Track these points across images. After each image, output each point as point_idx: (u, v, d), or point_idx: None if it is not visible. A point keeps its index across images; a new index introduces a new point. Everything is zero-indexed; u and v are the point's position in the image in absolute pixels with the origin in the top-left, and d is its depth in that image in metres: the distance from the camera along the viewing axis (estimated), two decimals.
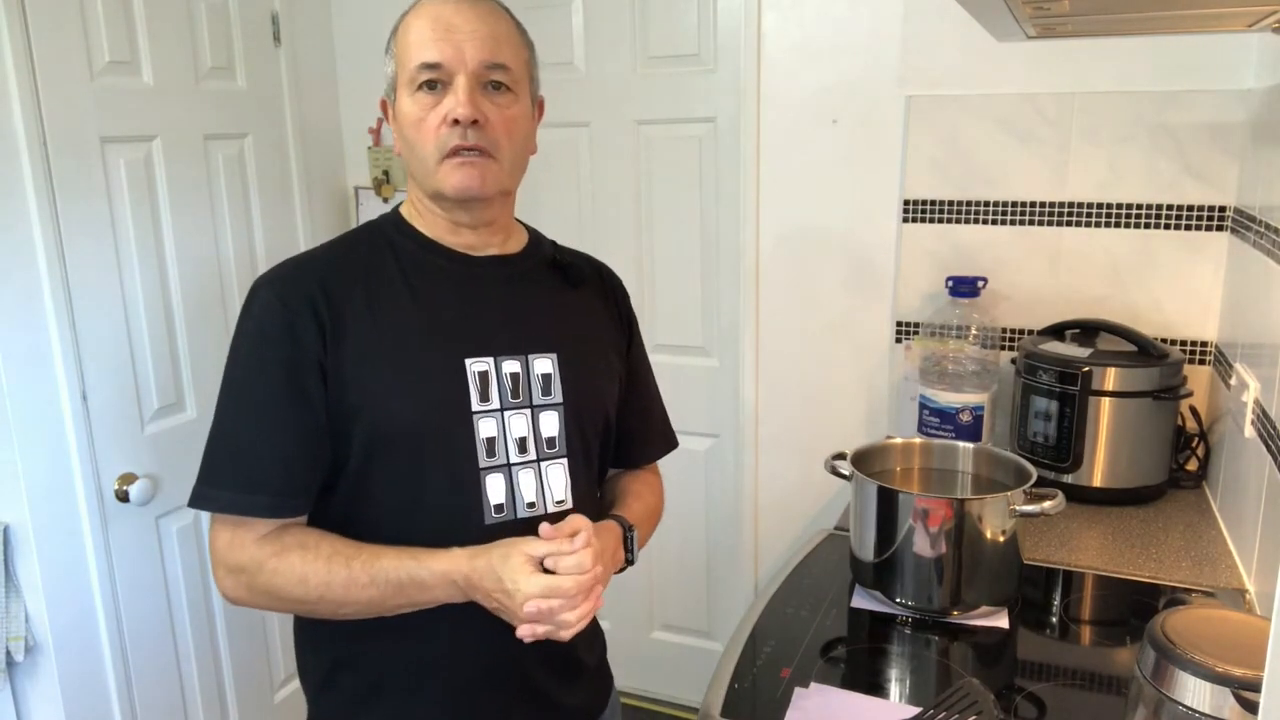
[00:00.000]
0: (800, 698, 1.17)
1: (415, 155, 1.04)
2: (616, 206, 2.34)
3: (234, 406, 1.02)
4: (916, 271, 2.03)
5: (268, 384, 1.00)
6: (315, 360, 1.00)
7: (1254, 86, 1.72)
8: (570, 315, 1.16)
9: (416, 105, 1.02)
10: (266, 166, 2.21)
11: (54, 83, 1.70)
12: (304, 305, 1.00)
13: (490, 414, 1.05)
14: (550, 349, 1.10)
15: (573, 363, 1.11)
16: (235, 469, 1.00)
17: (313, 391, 1.00)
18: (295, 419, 1.00)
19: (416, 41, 1.01)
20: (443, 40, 1.00)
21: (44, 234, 1.69)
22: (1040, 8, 1.05)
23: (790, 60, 2.06)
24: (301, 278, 1.03)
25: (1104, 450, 1.71)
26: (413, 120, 1.02)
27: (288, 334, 0.99)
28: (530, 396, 1.08)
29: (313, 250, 1.10)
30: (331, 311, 1.01)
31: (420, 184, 1.06)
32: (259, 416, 1.00)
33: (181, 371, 2.01)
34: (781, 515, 2.30)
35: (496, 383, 1.06)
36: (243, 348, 1.02)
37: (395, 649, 1.06)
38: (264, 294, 1.02)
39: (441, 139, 1.01)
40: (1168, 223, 1.84)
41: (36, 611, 1.74)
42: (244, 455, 1.00)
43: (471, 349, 1.05)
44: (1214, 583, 1.45)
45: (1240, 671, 0.85)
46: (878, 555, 1.38)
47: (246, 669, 2.22)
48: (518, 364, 1.07)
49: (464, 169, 1.02)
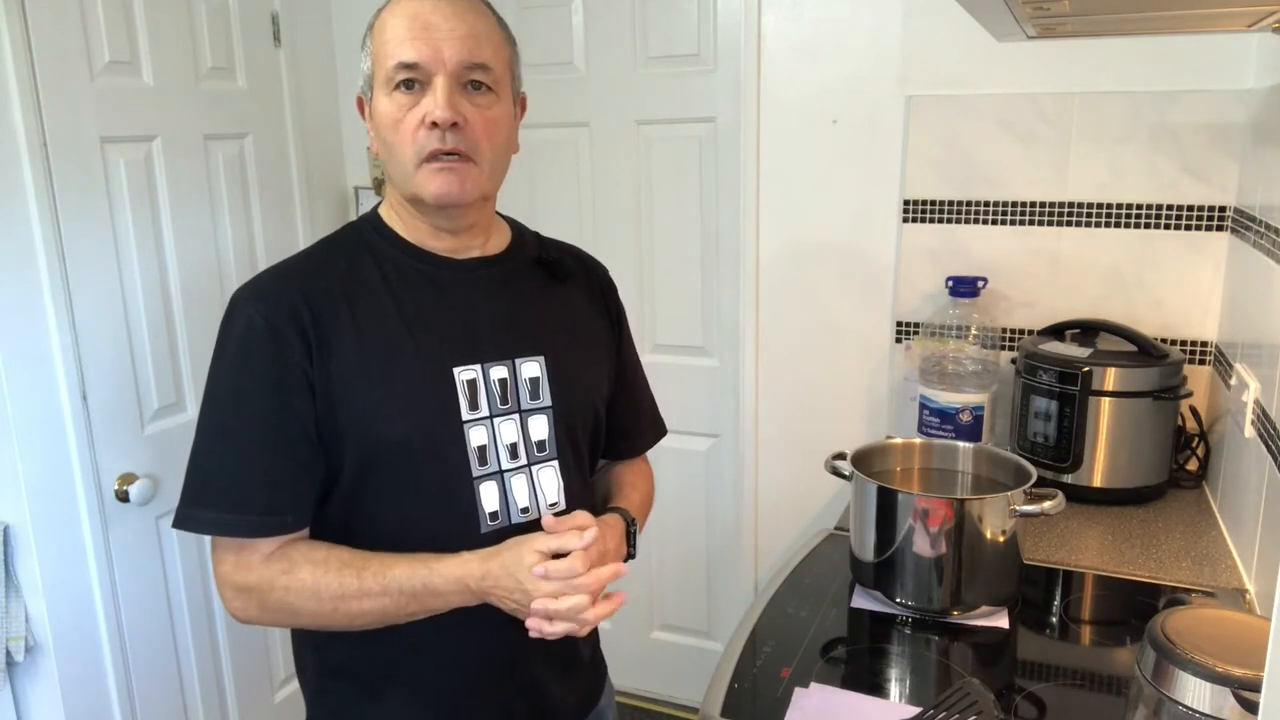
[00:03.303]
0: (800, 698, 1.17)
1: (393, 157, 1.01)
2: (616, 206, 2.34)
3: (217, 425, 0.99)
4: (916, 271, 2.03)
5: (252, 401, 0.98)
6: (302, 375, 0.97)
7: (1254, 86, 1.72)
8: (557, 313, 1.14)
9: (393, 105, 0.99)
10: (266, 166, 2.21)
11: (54, 83, 1.70)
12: (288, 320, 0.97)
13: (480, 422, 1.04)
14: (538, 351, 1.09)
15: (561, 364, 1.10)
16: (221, 489, 0.98)
17: (300, 407, 0.98)
18: (282, 436, 0.98)
19: (394, 39, 0.98)
20: (420, 39, 0.97)
21: (44, 234, 1.69)
22: (1040, 8, 1.05)
23: (790, 60, 2.06)
24: (283, 290, 1.00)
25: (1104, 450, 1.71)
26: (389, 121, 0.99)
27: (271, 350, 0.97)
28: (519, 401, 1.07)
29: (291, 259, 1.06)
30: (316, 326, 0.98)
31: (398, 187, 1.03)
32: (244, 435, 0.98)
33: (181, 371, 2.01)
34: (781, 515, 2.30)
35: (485, 390, 1.04)
36: (225, 365, 1.00)
37: (393, 646, 1.05)
38: (246, 309, 0.99)
39: (419, 142, 0.98)
40: (1168, 223, 1.84)
41: (36, 611, 1.74)
42: (228, 474, 0.98)
43: (459, 357, 1.03)
44: (1214, 583, 1.45)
45: (1240, 671, 0.85)
46: (878, 555, 1.38)
47: (246, 669, 2.22)
48: (505, 369, 1.06)
49: (443, 174, 0.99)
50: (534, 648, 1.05)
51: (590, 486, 1.20)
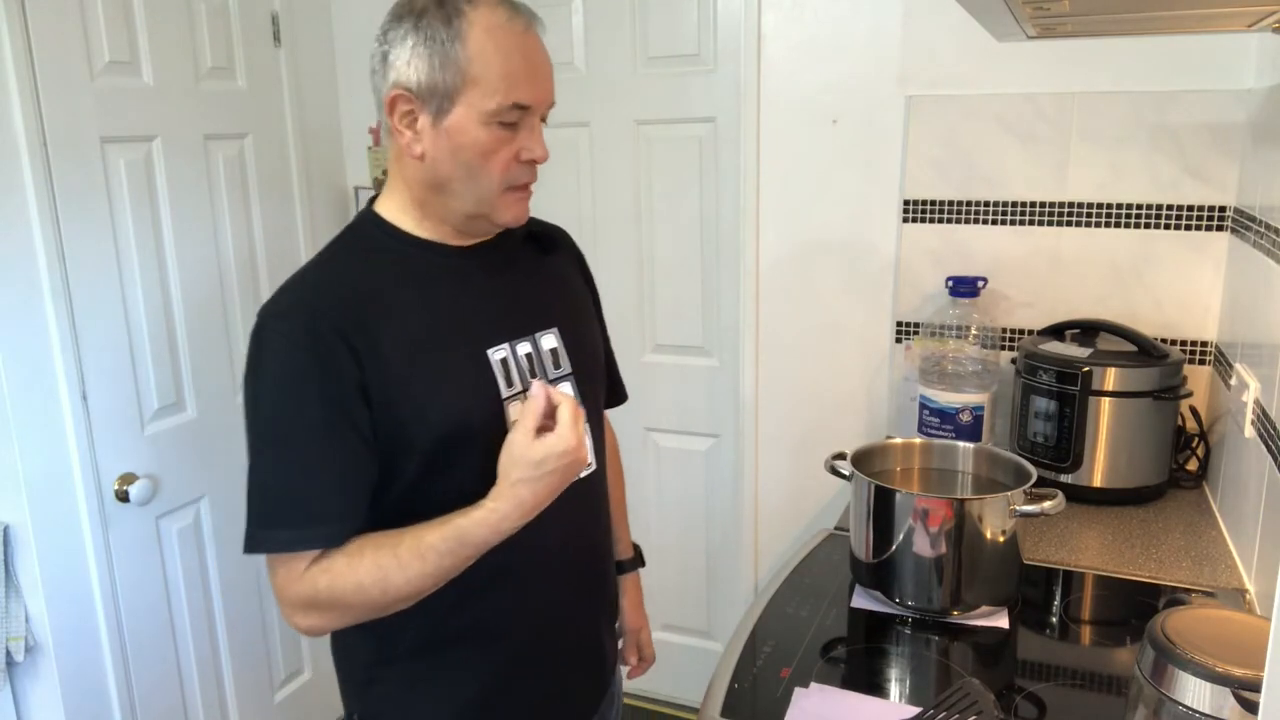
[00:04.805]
0: (800, 698, 1.17)
1: (471, 180, 1.02)
2: (616, 206, 2.34)
3: (277, 449, 0.99)
4: (916, 271, 2.03)
5: (307, 414, 0.98)
6: (353, 381, 0.98)
7: (1254, 86, 1.72)
8: (557, 285, 1.21)
9: (492, 137, 1.00)
10: (266, 166, 2.21)
11: (54, 83, 1.70)
12: (329, 330, 0.98)
13: (515, 398, 1.08)
14: (551, 323, 1.15)
15: (572, 332, 1.17)
16: (293, 505, 0.99)
17: (356, 413, 0.98)
18: (344, 444, 0.98)
19: (507, 73, 0.99)
20: (534, 82, 1.01)
21: (44, 234, 1.69)
22: (1040, 8, 1.05)
23: (790, 60, 2.06)
24: (315, 302, 1.01)
25: (1104, 450, 1.71)
26: (483, 149, 1.01)
27: (318, 362, 0.97)
28: (545, 372, 1.13)
29: (306, 270, 1.06)
30: (357, 330, 0.99)
31: (466, 206, 1.05)
32: (305, 449, 0.98)
33: (181, 371, 2.01)
34: (781, 515, 2.30)
35: (515, 366, 1.09)
36: (268, 384, 0.99)
37: (451, 618, 1.08)
38: (280, 325, 0.99)
39: (512, 174, 1.03)
40: (1168, 223, 1.84)
41: (36, 611, 1.74)
42: (297, 490, 0.99)
43: (490, 339, 1.08)
44: (1214, 583, 1.45)
45: (1240, 671, 0.85)
46: (878, 555, 1.38)
47: (246, 669, 2.22)
48: (528, 344, 1.11)
49: (522, 203, 1.07)
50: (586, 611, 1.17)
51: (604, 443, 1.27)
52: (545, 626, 1.14)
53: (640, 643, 1.46)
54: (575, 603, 1.17)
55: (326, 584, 0.98)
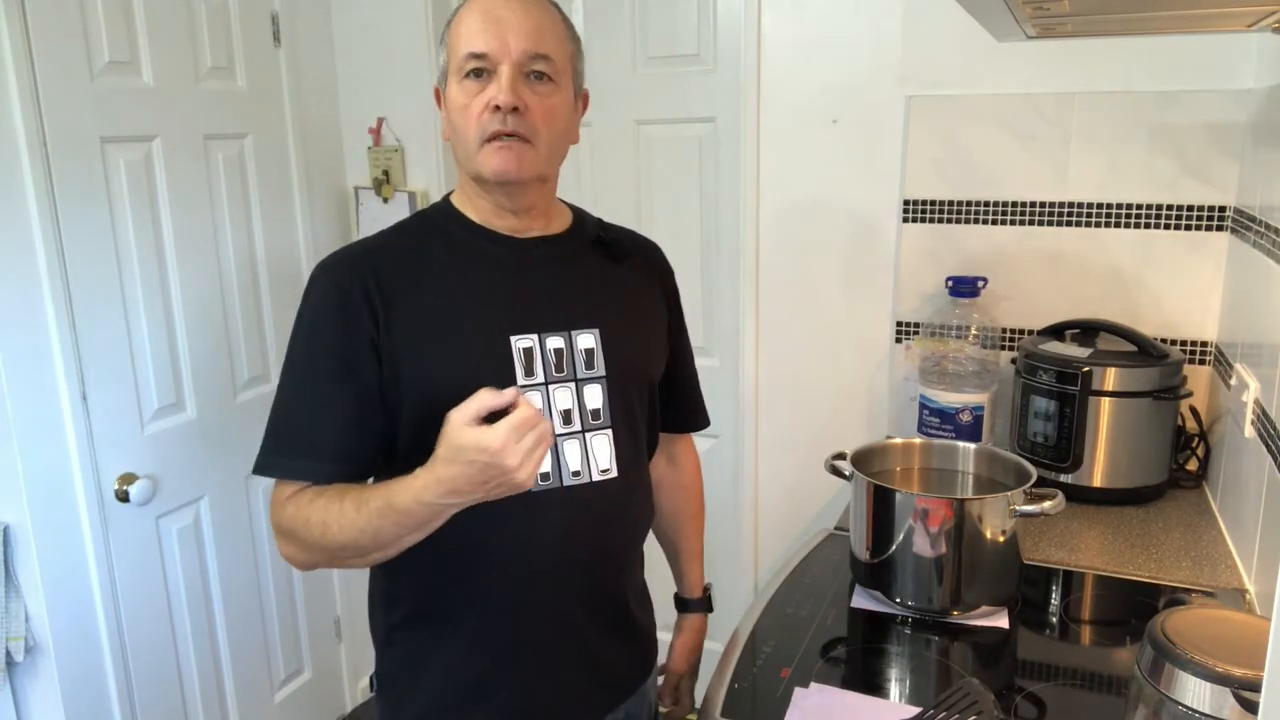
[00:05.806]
0: (800, 698, 1.17)
1: (460, 139, 1.09)
2: (616, 206, 2.34)
3: (293, 383, 1.09)
4: (916, 271, 2.03)
5: (321, 362, 1.07)
6: (368, 340, 1.06)
7: (1254, 86, 1.72)
8: (614, 291, 1.20)
9: (463, 92, 1.07)
10: (266, 166, 2.21)
11: (54, 83, 1.70)
12: (358, 289, 1.06)
13: (535, 388, 1.10)
14: (593, 324, 1.14)
15: (616, 336, 1.16)
16: (290, 439, 1.08)
17: (365, 369, 1.06)
18: (348, 394, 1.06)
19: (466, 33, 1.07)
20: (489, 32, 1.05)
21: (44, 234, 1.69)
22: (1040, 8, 1.05)
23: (790, 60, 2.06)
24: (356, 263, 1.09)
25: (1104, 450, 1.71)
26: (458, 106, 1.08)
27: (342, 317, 1.06)
28: (574, 370, 1.13)
29: (366, 239, 1.16)
30: (382, 294, 1.06)
31: (464, 167, 1.12)
32: (313, 391, 1.07)
33: (181, 371, 2.01)
34: (781, 515, 2.30)
35: (540, 358, 1.10)
36: (302, 329, 1.09)
37: (452, 596, 1.11)
38: (322, 279, 1.09)
39: (483, 124, 1.06)
40: (1168, 223, 1.84)
41: (36, 611, 1.74)
42: (299, 425, 1.08)
43: (516, 327, 1.10)
44: (1214, 583, 1.45)
45: (1240, 671, 0.85)
46: (877, 555, 1.38)
47: (246, 669, 2.22)
48: (561, 340, 1.12)
49: (502, 152, 1.06)
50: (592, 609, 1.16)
51: (644, 457, 1.25)
52: (540, 624, 1.13)
53: (679, 690, 1.44)
54: (576, 605, 1.15)
55: (290, 514, 1.05)
